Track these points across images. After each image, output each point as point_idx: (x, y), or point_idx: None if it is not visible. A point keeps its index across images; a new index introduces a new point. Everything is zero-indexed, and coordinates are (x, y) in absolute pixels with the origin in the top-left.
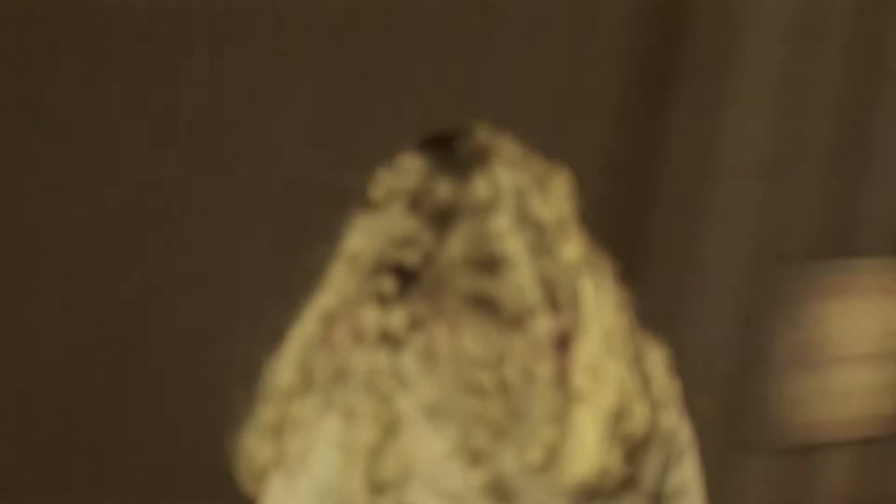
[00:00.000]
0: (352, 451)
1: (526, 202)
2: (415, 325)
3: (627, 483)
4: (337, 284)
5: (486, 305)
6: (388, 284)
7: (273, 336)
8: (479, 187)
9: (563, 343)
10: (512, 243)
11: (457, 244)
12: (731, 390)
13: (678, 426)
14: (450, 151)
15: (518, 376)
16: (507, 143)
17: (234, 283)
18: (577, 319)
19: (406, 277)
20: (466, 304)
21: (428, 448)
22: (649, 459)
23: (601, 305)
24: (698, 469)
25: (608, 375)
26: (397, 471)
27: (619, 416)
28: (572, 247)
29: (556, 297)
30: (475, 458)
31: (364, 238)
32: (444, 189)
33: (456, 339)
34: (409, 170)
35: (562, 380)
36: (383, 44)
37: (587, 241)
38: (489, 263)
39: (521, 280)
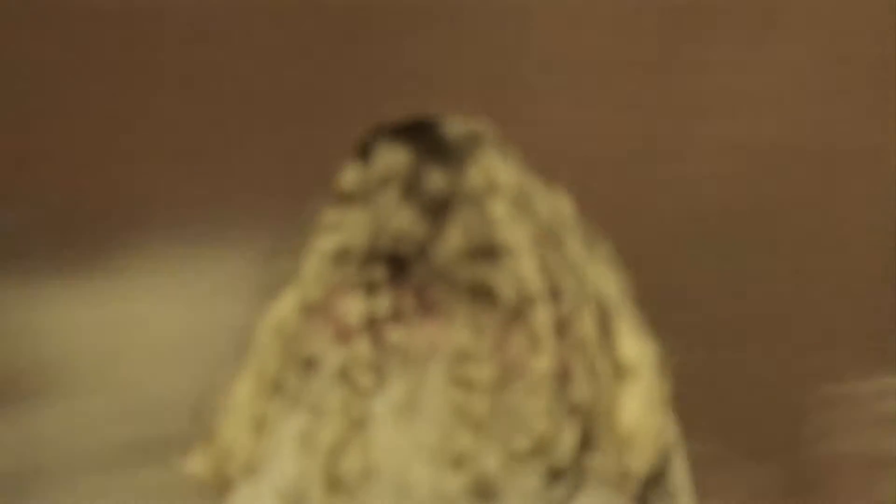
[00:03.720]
0: (313, 447)
1: (523, 190)
2: (400, 316)
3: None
4: (315, 278)
5: (483, 296)
6: (377, 274)
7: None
8: (474, 175)
9: (560, 332)
10: (511, 231)
11: (454, 235)
12: None
13: (665, 426)
14: (437, 139)
15: (510, 370)
16: (496, 132)
17: None
18: (605, 314)
19: (395, 269)
20: (462, 296)
21: (397, 448)
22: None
23: (623, 299)
24: (686, 470)
25: (650, 364)
26: (358, 469)
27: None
28: (576, 235)
29: (559, 288)
30: (456, 460)
31: (354, 228)
32: (436, 178)
33: (445, 333)
34: (392, 159)
35: (561, 374)
36: None
37: (593, 237)
38: (488, 253)
39: (521, 269)
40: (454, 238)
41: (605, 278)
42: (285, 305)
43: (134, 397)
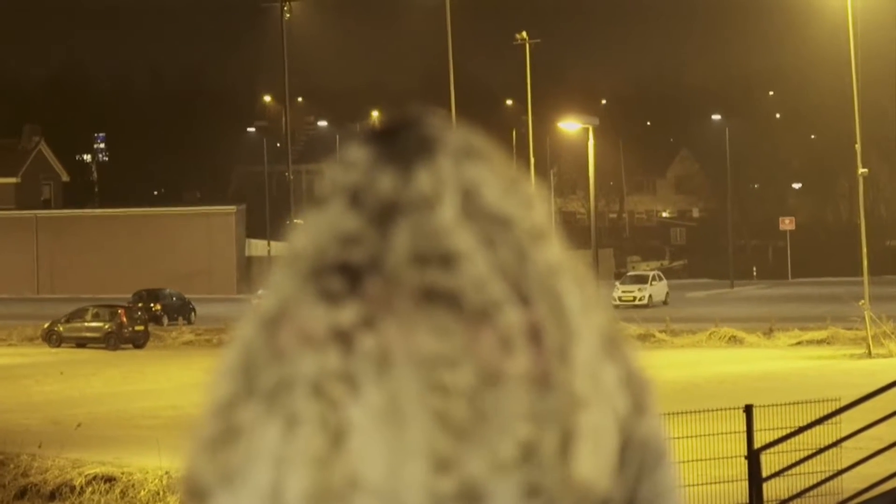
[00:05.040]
0: (291, 461)
1: (477, 194)
2: (366, 323)
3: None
4: (278, 286)
5: (444, 301)
6: (336, 283)
7: None
8: (422, 180)
9: (535, 338)
10: (460, 237)
11: (402, 241)
12: None
13: (654, 432)
14: (394, 142)
15: (484, 373)
16: (460, 134)
17: None
18: (565, 322)
19: (353, 276)
20: (421, 301)
21: (381, 456)
22: (624, 466)
23: (588, 307)
24: (675, 477)
25: (608, 379)
26: (342, 483)
27: (623, 420)
28: (547, 245)
29: (524, 291)
30: (440, 464)
31: (306, 236)
32: (385, 183)
33: (411, 338)
34: (352, 162)
35: (539, 377)
36: None
37: (563, 244)
38: (441, 258)
39: (478, 273)
40: (402, 244)
41: (571, 293)
42: (249, 319)
43: None
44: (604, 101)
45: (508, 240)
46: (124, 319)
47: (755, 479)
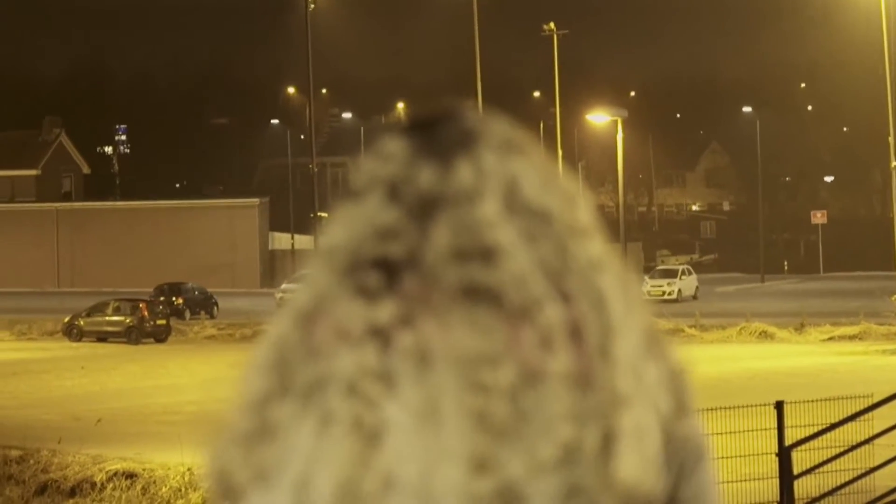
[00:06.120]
0: (325, 460)
1: (518, 188)
2: (404, 320)
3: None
4: (314, 281)
5: (484, 298)
6: (373, 278)
7: None
8: (463, 173)
9: (575, 336)
10: (502, 232)
11: (442, 235)
12: None
13: (694, 431)
14: (434, 134)
15: (525, 372)
16: (501, 127)
17: None
18: (606, 319)
19: (391, 271)
20: (460, 298)
21: (417, 457)
22: (665, 466)
23: (630, 304)
24: (714, 478)
25: (650, 378)
26: (377, 483)
27: (665, 420)
28: (588, 241)
29: (565, 287)
30: (479, 464)
31: (342, 230)
32: (425, 175)
33: (450, 336)
34: (390, 155)
35: (580, 375)
36: None
37: (604, 239)
38: (481, 254)
39: (519, 269)
40: (442, 239)
41: (612, 290)
42: (284, 315)
43: None
44: (633, 93)
45: (549, 235)
46: (146, 313)
47: (786, 477)
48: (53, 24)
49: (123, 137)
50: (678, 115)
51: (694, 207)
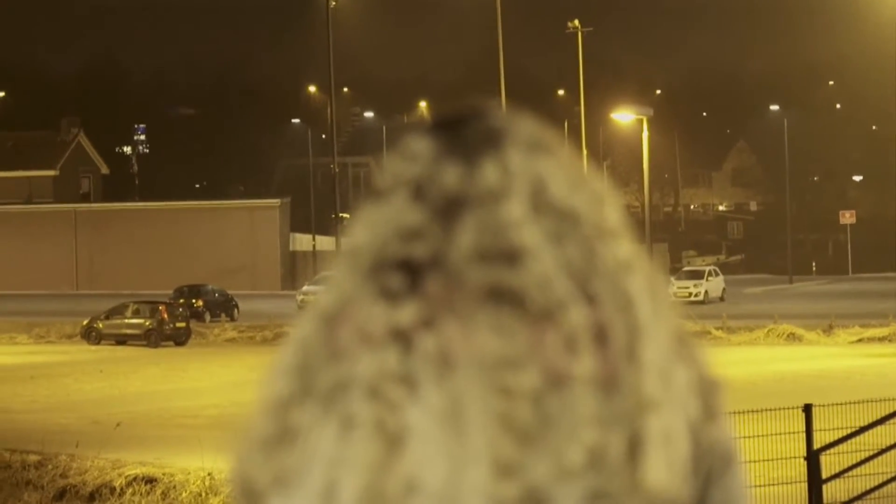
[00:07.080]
0: (347, 464)
1: (544, 188)
2: (427, 322)
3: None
4: (337, 282)
5: (508, 299)
6: (396, 280)
7: None
8: (489, 173)
9: (601, 338)
10: (527, 233)
11: (467, 236)
12: None
13: (723, 436)
14: (459, 134)
15: (549, 375)
16: (528, 127)
17: None
18: (633, 321)
19: (414, 273)
20: (484, 300)
21: (440, 461)
22: (694, 472)
23: (658, 306)
24: (743, 483)
25: (679, 381)
26: (399, 487)
27: (694, 424)
28: (616, 242)
29: (591, 289)
30: (503, 469)
31: (365, 230)
32: (450, 175)
33: (473, 339)
34: (415, 154)
35: (606, 378)
36: None
37: (633, 240)
38: (506, 255)
39: (544, 270)
40: (467, 239)
41: (640, 292)
42: (307, 317)
43: None
44: (658, 92)
45: (576, 236)
46: (165, 316)
47: (815, 481)
48: (71, 24)
49: (143, 137)
50: (704, 114)
51: (720, 207)
